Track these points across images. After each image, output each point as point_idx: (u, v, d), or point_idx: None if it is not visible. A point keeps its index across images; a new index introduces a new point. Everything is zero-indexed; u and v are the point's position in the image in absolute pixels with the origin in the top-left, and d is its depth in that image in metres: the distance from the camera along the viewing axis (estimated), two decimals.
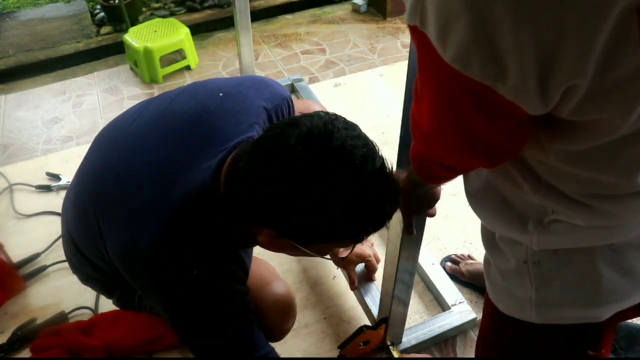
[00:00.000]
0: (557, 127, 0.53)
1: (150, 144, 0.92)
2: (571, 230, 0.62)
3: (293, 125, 0.74)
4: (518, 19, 0.40)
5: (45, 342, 1.35)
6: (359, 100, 2.27)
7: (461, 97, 0.49)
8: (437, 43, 0.47)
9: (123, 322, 1.40)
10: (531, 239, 0.66)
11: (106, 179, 0.94)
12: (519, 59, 0.42)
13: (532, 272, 0.70)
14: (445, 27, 0.45)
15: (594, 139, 0.51)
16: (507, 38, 0.41)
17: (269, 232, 0.78)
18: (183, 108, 0.96)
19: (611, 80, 0.43)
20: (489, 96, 0.46)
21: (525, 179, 0.63)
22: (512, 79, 0.44)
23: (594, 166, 0.54)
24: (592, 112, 0.47)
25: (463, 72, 0.46)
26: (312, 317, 1.44)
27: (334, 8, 3.10)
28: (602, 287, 0.65)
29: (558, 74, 0.43)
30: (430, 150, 0.65)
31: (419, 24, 0.48)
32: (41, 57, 2.64)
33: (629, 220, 0.59)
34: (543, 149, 0.57)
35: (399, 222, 0.94)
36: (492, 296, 0.81)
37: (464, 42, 0.44)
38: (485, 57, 0.44)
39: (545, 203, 0.62)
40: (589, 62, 0.41)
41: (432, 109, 0.56)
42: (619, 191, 0.56)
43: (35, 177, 1.92)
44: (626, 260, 0.64)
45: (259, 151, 0.76)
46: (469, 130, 0.54)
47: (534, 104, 0.46)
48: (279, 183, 0.72)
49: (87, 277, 1.15)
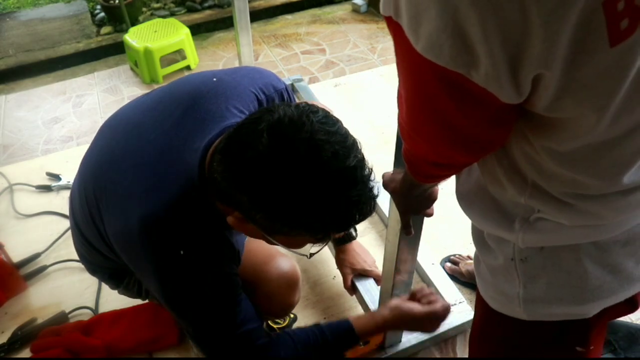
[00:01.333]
0: (538, 124, 0.53)
1: (147, 128, 0.94)
2: (556, 228, 0.62)
3: (269, 112, 0.75)
4: (484, 9, 0.40)
5: (45, 342, 1.35)
6: (359, 100, 2.27)
7: (435, 87, 0.49)
8: (410, 33, 0.47)
9: (123, 322, 1.40)
10: (517, 237, 0.67)
11: (105, 163, 0.96)
12: (488, 47, 0.42)
13: (519, 269, 0.70)
14: (417, 16, 0.45)
15: (573, 138, 0.51)
16: (476, 27, 0.41)
17: (237, 215, 0.80)
18: (179, 93, 0.98)
19: (582, 77, 0.43)
20: (462, 85, 0.47)
21: (512, 180, 0.63)
22: (483, 67, 0.44)
23: (577, 168, 0.55)
24: (566, 110, 0.47)
25: (435, 61, 0.46)
26: (312, 317, 1.44)
27: (334, 8, 3.10)
28: (588, 283, 0.66)
29: (526, 63, 0.43)
30: (416, 147, 0.65)
31: (393, 14, 0.48)
32: (41, 57, 2.65)
33: (613, 219, 0.60)
34: (532, 145, 0.57)
35: (397, 222, 0.94)
36: (482, 292, 0.82)
37: (435, 31, 0.44)
38: (456, 45, 0.44)
39: (530, 203, 0.63)
40: (555, 54, 0.42)
41: (409, 101, 0.56)
42: (602, 191, 0.56)
43: (36, 177, 1.92)
44: (611, 257, 0.64)
45: (235, 133, 0.78)
46: (446, 121, 0.53)
47: (507, 91, 0.46)
48: (241, 167, 0.73)
49: (95, 267, 1.17)
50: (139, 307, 1.44)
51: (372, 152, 1.96)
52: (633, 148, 0.52)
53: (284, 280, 1.13)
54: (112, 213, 0.92)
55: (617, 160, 0.53)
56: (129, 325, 1.39)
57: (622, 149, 0.52)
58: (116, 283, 1.20)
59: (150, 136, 0.92)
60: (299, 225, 0.76)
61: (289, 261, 1.17)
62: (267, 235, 0.81)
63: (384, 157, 1.94)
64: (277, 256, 1.16)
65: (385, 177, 0.88)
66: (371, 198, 0.76)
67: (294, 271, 1.16)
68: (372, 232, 1.68)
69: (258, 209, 0.75)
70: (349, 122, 2.53)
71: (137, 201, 0.87)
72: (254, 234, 0.84)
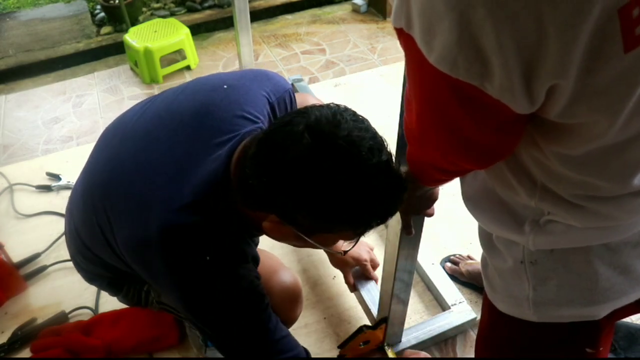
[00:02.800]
0: (548, 129, 0.53)
1: (159, 139, 0.94)
2: (567, 230, 0.62)
3: (302, 114, 0.76)
4: (499, 20, 0.40)
5: (45, 342, 1.35)
6: (359, 100, 2.27)
7: (448, 98, 0.49)
8: (422, 45, 0.47)
9: (123, 322, 1.40)
10: (528, 240, 0.66)
11: (116, 174, 0.95)
12: (503, 58, 0.42)
13: (529, 271, 0.70)
14: (430, 28, 0.45)
15: (584, 142, 0.51)
16: (490, 39, 0.41)
17: (274, 219, 0.80)
18: (190, 102, 0.98)
19: (596, 84, 0.43)
20: (475, 96, 0.46)
21: (521, 183, 0.63)
22: (497, 79, 0.44)
23: (587, 171, 0.55)
24: (579, 116, 0.47)
25: (449, 73, 0.46)
26: (312, 317, 1.44)
27: (334, 8, 3.10)
28: (598, 285, 0.66)
29: (541, 74, 0.43)
30: (423, 153, 0.65)
31: (405, 26, 0.48)
32: (41, 57, 2.65)
33: (624, 221, 0.59)
34: (541, 150, 0.57)
35: (398, 222, 0.94)
36: (490, 295, 0.82)
37: (449, 43, 0.44)
38: (470, 57, 0.44)
39: (541, 206, 0.63)
40: (571, 63, 0.41)
41: (421, 111, 0.56)
42: (614, 193, 0.56)
43: (35, 177, 1.92)
44: (622, 259, 0.64)
45: (268, 137, 0.78)
46: (458, 131, 0.54)
47: (521, 102, 0.46)
48: (283, 168, 0.73)
49: (92, 275, 1.16)
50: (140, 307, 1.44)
51: None
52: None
53: (287, 294, 1.13)
54: (126, 223, 0.91)
55: (628, 162, 0.53)
56: (129, 326, 1.39)
57: (633, 152, 0.51)
58: (115, 291, 1.20)
59: (163, 147, 0.92)
60: (343, 220, 0.77)
61: (292, 275, 1.17)
62: (304, 236, 0.82)
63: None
64: (280, 270, 1.15)
65: None
66: (405, 188, 0.79)
67: (297, 285, 1.16)
68: (372, 232, 1.67)
69: (301, 209, 0.76)
70: None
71: (157, 211, 0.86)
72: (287, 238, 0.85)
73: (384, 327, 1.25)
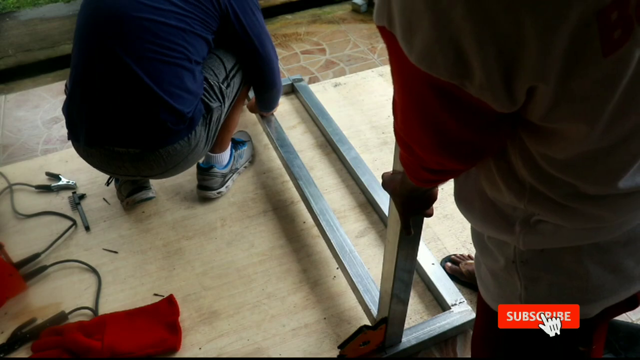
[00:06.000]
0: (534, 132, 0.53)
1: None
2: (557, 230, 0.62)
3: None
4: (479, 20, 0.40)
5: (45, 342, 1.35)
6: (359, 100, 2.27)
7: (429, 96, 0.49)
8: (403, 43, 0.47)
9: (124, 323, 1.40)
10: (518, 240, 0.67)
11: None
12: (482, 59, 0.42)
13: (520, 271, 0.71)
14: (410, 27, 0.45)
15: (568, 146, 0.51)
16: (470, 39, 0.41)
17: None
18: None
19: (576, 88, 0.43)
20: (456, 95, 0.47)
21: (509, 185, 0.63)
22: (477, 78, 0.44)
23: (573, 173, 0.55)
24: (561, 119, 0.48)
25: (429, 72, 0.46)
26: (312, 317, 1.44)
27: (334, 8, 3.09)
28: (589, 284, 0.66)
29: (521, 75, 0.43)
30: (410, 153, 0.65)
31: (387, 24, 0.48)
32: (41, 57, 2.65)
33: (614, 221, 0.60)
34: (529, 152, 0.57)
35: (397, 222, 0.94)
36: (483, 294, 0.82)
37: (429, 42, 0.44)
38: (449, 56, 0.44)
39: (530, 208, 0.63)
40: (550, 66, 0.42)
41: (403, 108, 0.56)
42: (602, 194, 0.57)
43: (35, 177, 1.92)
44: (613, 257, 0.65)
45: None
46: (441, 130, 0.54)
47: (502, 101, 0.46)
48: None
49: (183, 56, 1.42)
50: (141, 309, 1.44)
51: (372, 152, 1.97)
52: (627, 155, 0.52)
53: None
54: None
55: (613, 166, 0.53)
56: (129, 327, 1.39)
57: (617, 156, 0.52)
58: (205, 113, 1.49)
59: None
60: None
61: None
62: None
63: (384, 157, 1.95)
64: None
65: (384, 177, 0.88)
66: None
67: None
68: (372, 232, 1.68)
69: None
70: (349, 122, 2.52)
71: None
72: None
73: (384, 327, 1.24)
